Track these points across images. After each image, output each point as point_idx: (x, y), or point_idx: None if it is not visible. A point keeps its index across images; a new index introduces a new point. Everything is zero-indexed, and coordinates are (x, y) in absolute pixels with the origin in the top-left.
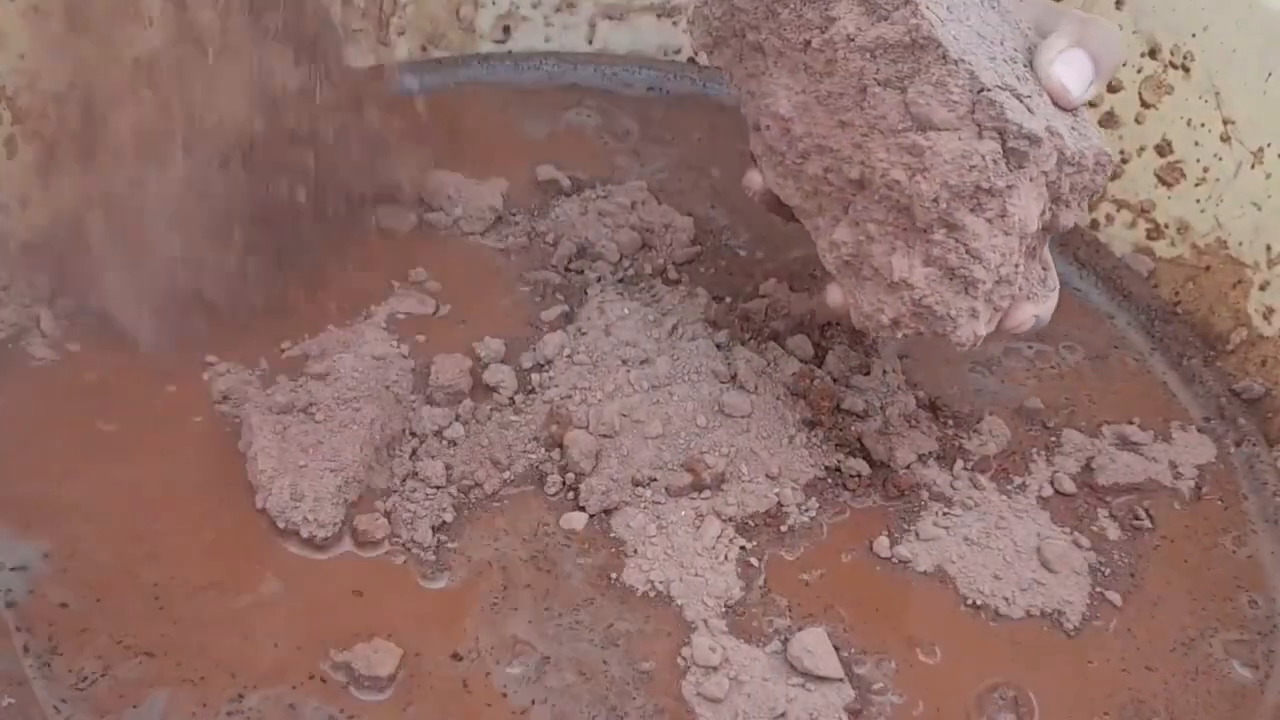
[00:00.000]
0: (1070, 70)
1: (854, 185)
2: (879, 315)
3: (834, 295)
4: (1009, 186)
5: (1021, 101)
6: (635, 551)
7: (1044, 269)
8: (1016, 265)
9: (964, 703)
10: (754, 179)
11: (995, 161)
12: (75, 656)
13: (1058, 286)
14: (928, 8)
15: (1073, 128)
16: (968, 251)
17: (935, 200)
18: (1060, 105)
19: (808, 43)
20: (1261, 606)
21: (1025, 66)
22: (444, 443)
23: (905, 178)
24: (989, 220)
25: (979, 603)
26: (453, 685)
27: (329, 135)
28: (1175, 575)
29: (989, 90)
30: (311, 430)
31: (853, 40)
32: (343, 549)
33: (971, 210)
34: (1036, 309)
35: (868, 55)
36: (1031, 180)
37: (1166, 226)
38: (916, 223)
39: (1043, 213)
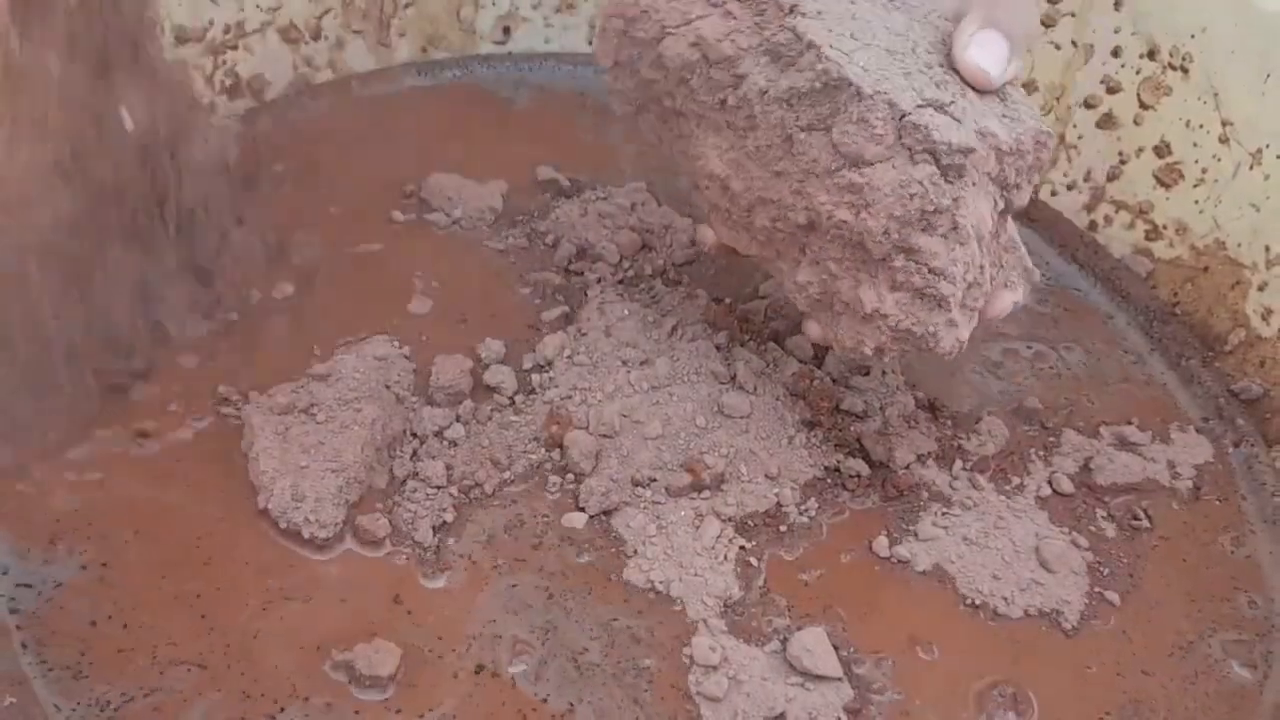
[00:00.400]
0: (985, 53)
1: (804, 229)
2: (861, 347)
3: (813, 330)
4: (954, 200)
5: (946, 113)
6: (635, 551)
7: (1008, 250)
8: (981, 267)
9: (963, 701)
10: (705, 234)
11: (934, 183)
12: (63, 648)
13: (1029, 264)
14: (831, 46)
15: (1004, 115)
16: (930, 271)
17: (885, 232)
18: (981, 90)
19: (723, 102)
20: (1260, 606)
21: (942, 67)
22: (444, 443)
23: (851, 216)
24: (943, 236)
25: (978, 602)
26: (453, 684)
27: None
28: (1174, 575)
29: (910, 115)
30: (313, 431)
31: (766, 93)
32: (344, 549)
33: (924, 231)
34: (1014, 295)
35: (784, 105)
36: (975, 185)
37: (1165, 227)
38: (873, 255)
39: (995, 207)
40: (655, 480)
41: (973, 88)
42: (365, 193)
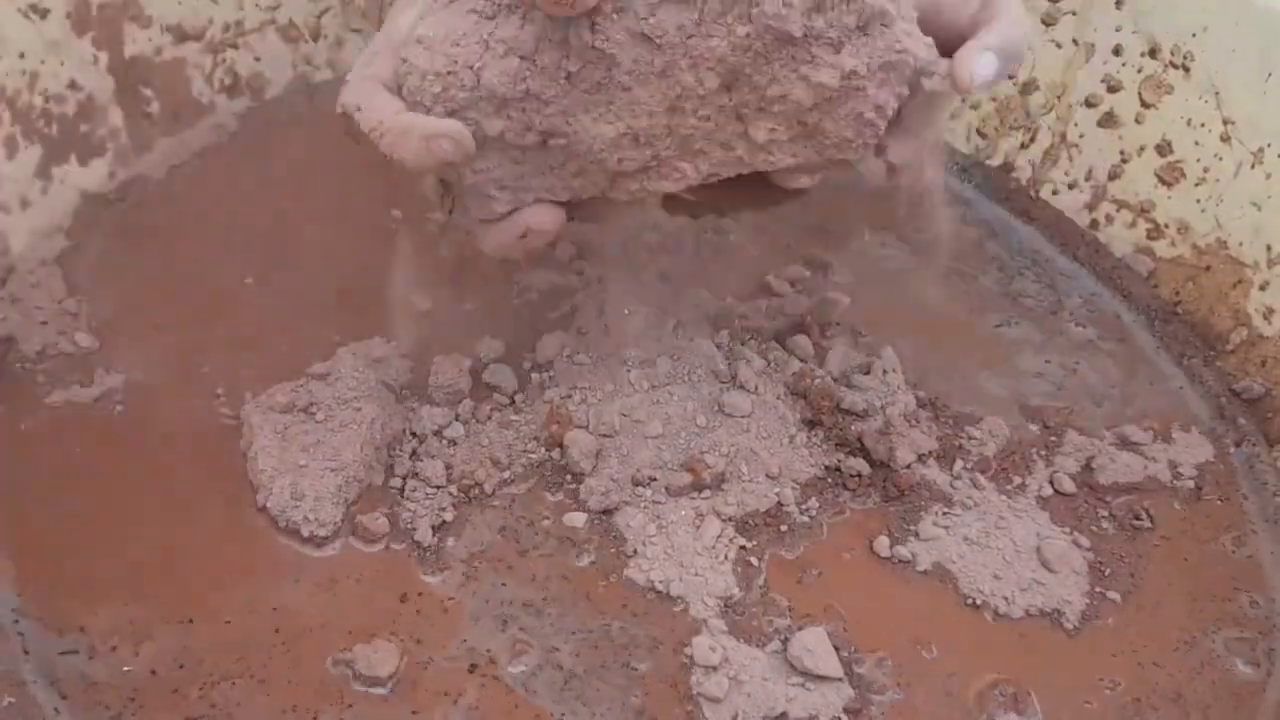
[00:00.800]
0: (985, 70)
1: (720, 92)
2: (864, 119)
3: (872, 166)
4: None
5: None
6: (635, 551)
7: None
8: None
9: (964, 701)
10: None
11: None
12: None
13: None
14: None
15: None
16: (884, 47)
17: (785, 4)
18: (957, 88)
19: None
20: (1262, 606)
21: None
22: (444, 442)
23: (747, 26)
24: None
25: (979, 602)
26: (453, 684)
27: None
28: (1175, 574)
29: None
30: (312, 430)
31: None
32: (343, 548)
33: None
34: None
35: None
36: None
37: (1167, 226)
38: (795, 37)
39: None
40: (655, 480)
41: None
42: (364, 191)
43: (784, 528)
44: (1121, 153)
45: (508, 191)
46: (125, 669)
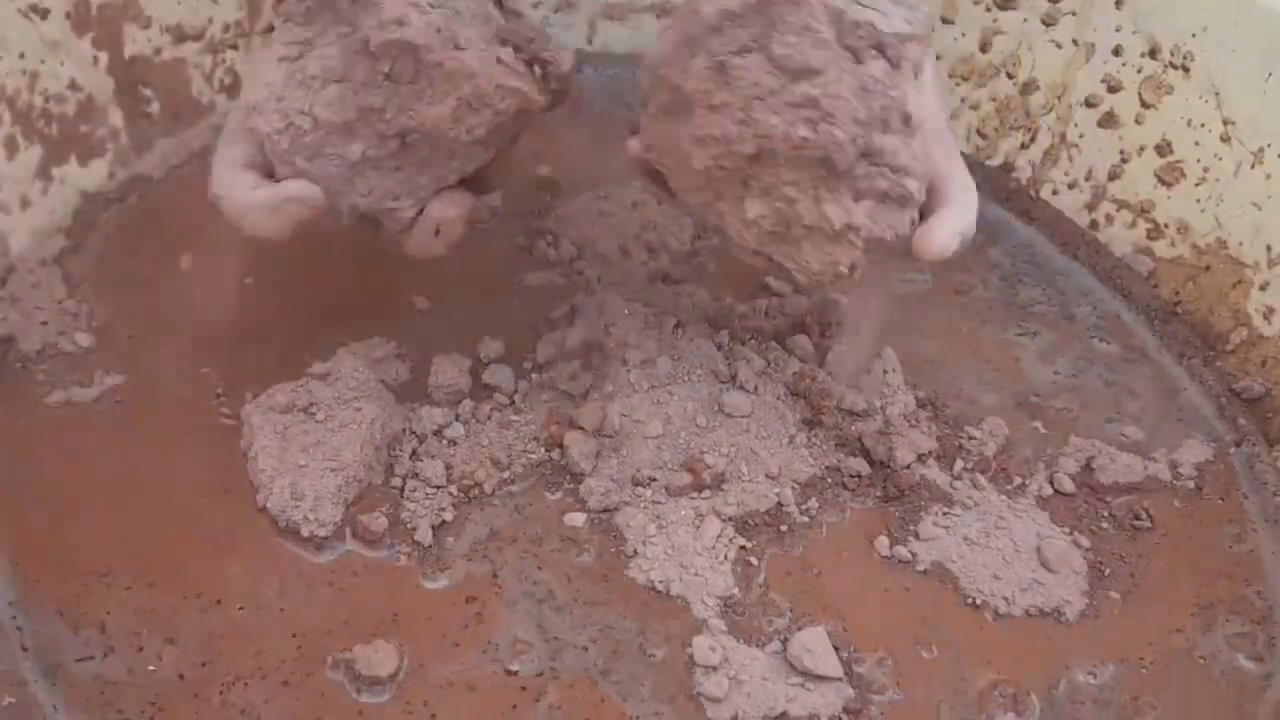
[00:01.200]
0: (951, 247)
1: (750, 160)
2: (836, 267)
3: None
4: (902, 93)
5: (870, 7)
6: (635, 551)
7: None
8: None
9: (964, 701)
10: (630, 146)
11: (886, 74)
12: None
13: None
14: None
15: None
16: (894, 170)
17: (852, 140)
18: (921, 258)
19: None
20: (1263, 602)
21: None
22: (444, 442)
23: (811, 132)
24: (898, 132)
25: (979, 602)
26: (453, 684)
27: None
28: (1175, 574)
29: (848, 12)
30: (312, 430)
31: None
32: (343, 548)
33: (883, 131)
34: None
35: (713, 32)
36: (903, 73)
37: (1167, 226)
38: (837, 168)
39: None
40: (655, 480)
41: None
42: None
43: (784, 528)
44: (1121, 153)
45: (404, 198)
46: (134, 669)
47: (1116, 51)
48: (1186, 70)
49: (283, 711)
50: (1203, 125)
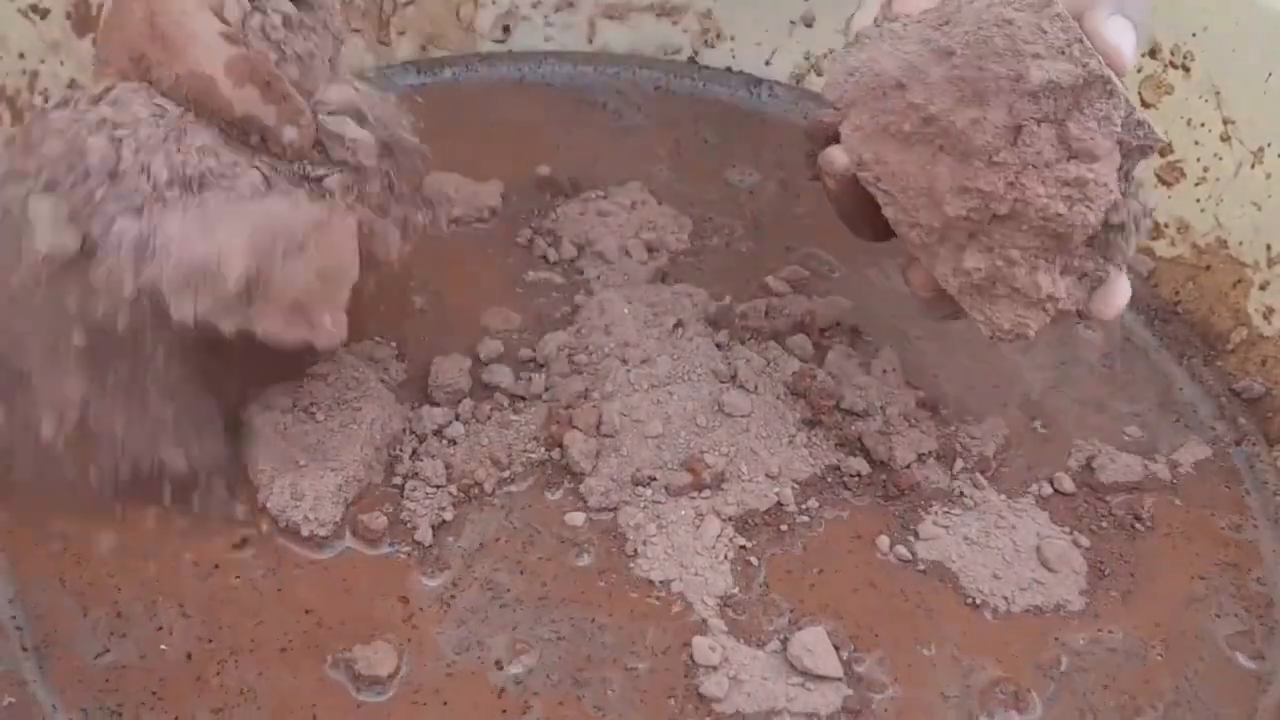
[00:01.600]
0: (1124, 36)
1: (997, 219)
2: (1023, 329)
3: (916, 276)
4: (1126, 186)
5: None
6: (635, 551)
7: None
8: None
9: (964, 700)
10: (837, 157)
11: (1127, 176)
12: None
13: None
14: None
15: None
16: (1104, 257)
17: (1102, 225)
18: (1115, 69)
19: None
20: (1263, 604)
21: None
22: (444, 442)
23: (1066, 209)
24: (1115, 226)
25: (979, 601)
26: (453, 684)
27: None
28: (1175, 573)
29: (1135, 113)
30: (312, 430)
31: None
32: (343, 547)
33: (1110, 227)
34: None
35: (1030, 97)
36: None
37: (1167, 226)
38: (1070, 246)
39: None
40: (655, 479)
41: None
42: None
43: (784, 527)
44: None
45: None
46: (142, 655)
47: None
48: (1187, 70)
49: (282, 708)
50: (1203, 125)
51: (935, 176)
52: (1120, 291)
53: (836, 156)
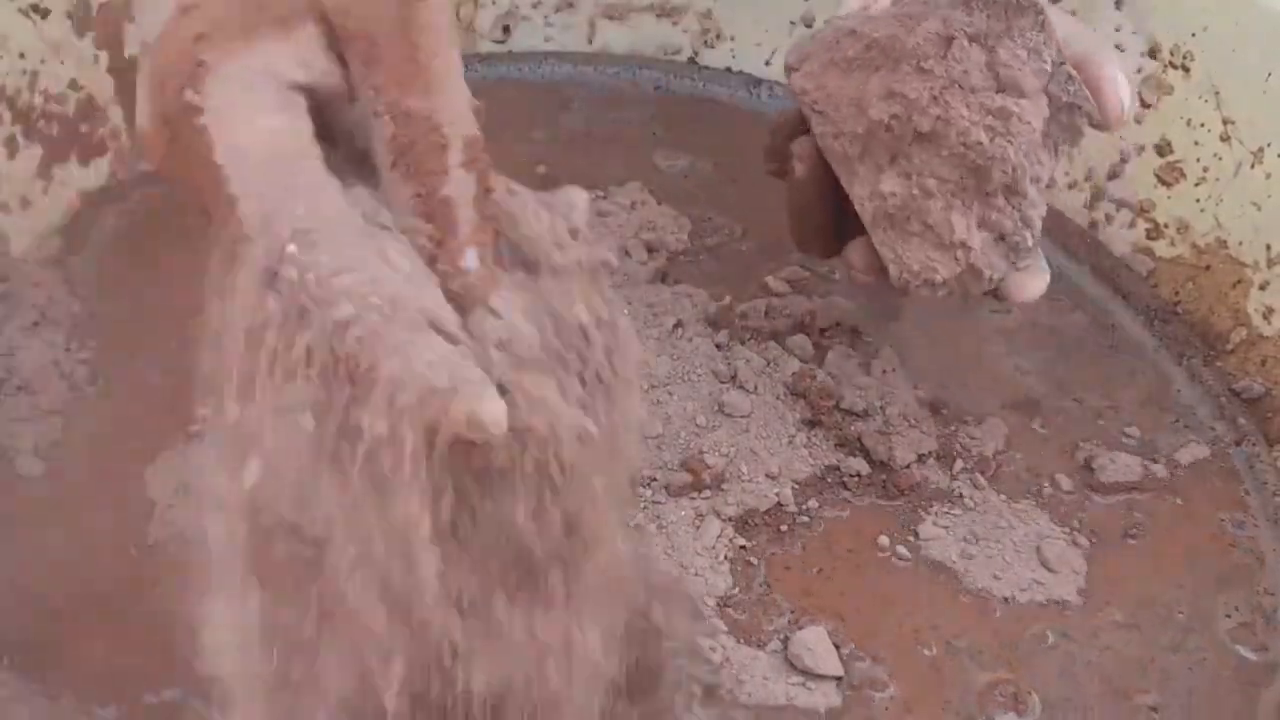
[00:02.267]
0: (1126, 93)
1: (918, 137)
2: (930, 274)
3: (857, 257)
4: (1054, 158)
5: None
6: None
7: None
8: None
9: (964, 700)
10: (795, 78)
11: (1066, 135)
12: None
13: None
14: None
15: None
16: (1023, 220)
17: (1015, 168)
18: (1110, 121)
19: None
20: (1264, 603)
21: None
22: None
23: (987, 140)
24: (1039, 190)
25: (979, 601)
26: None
27: None
28: (1175, 573)
29: (1066, 65)
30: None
31: None
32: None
33: (1034, 181)
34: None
35: (964, 6)
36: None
37: (1166, 226)
38: (986, 186)
39: None
40: (655, 479)
41: (1100, 120)
42: None
43: (784, 527)
44: (1121, 152)
45: None
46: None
47: (1116, 51)
48: (1186, 70)
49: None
50: (1203, 125)
51: (867, 88)
52: (1040, 278)
53: (792, 79)
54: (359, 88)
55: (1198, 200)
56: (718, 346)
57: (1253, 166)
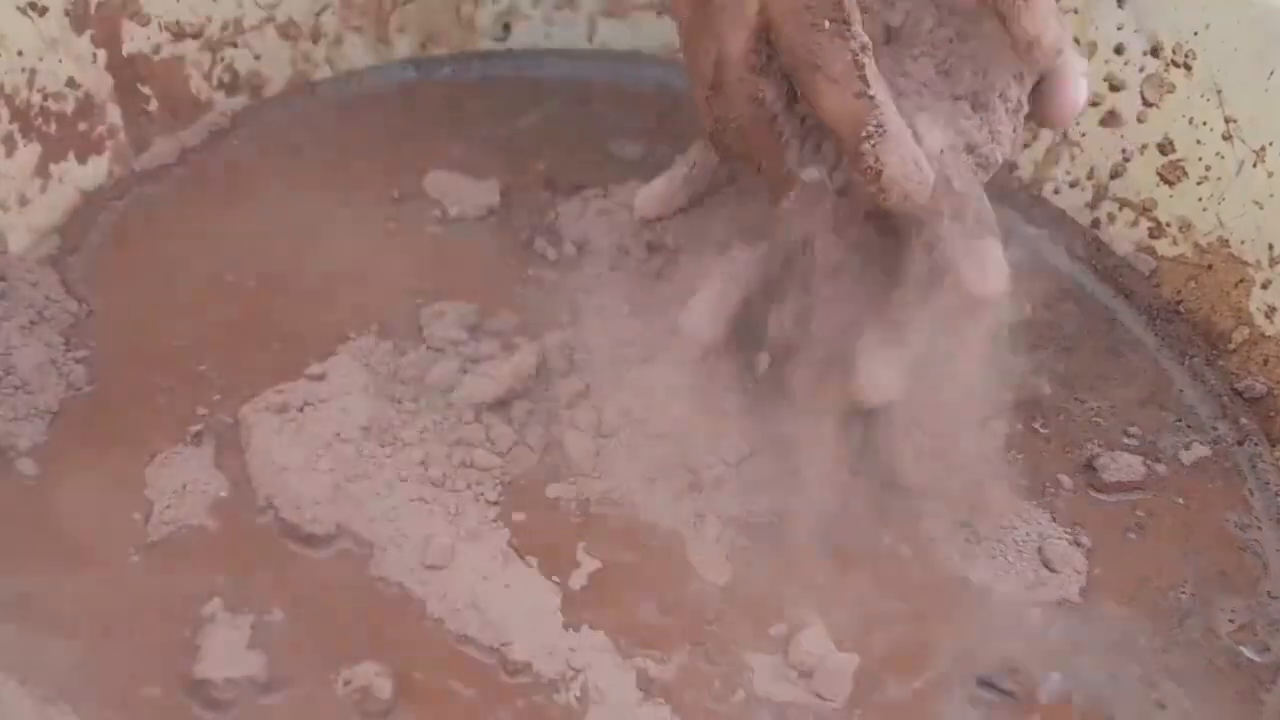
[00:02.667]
0: (1082, 98)
1: (885, 31)
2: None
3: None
4: (1022, 88)
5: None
6: None
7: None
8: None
9: (964, 700)
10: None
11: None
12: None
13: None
14: None
15: None
16: (991, 134)
17: (985, 71)
18: (1064, 119)
19: None
20: (1266, 603)
21: None
22: None
23: (958, 40)
24: (1008, 113)
25: (980, 601)
26: (452, 685)
27: None
28: (1177, 573)
29: None
30: (310, 429)
31: None
32: (342, 546)
33: (1000, 98)
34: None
35: None
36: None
37: (1168, 225)
38: (954, 90)
39: None
40: (655, 480)
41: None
42: (363, 189)
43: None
44: (1123, 151)
45: None
46: None
47: (1118, 50)
48: (1188, 68)
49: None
50: (1204, 124)
51: None
52: (999, 271)
53: None
54: None
55: (1200, 199)
56: None
57: (1255, 165)
